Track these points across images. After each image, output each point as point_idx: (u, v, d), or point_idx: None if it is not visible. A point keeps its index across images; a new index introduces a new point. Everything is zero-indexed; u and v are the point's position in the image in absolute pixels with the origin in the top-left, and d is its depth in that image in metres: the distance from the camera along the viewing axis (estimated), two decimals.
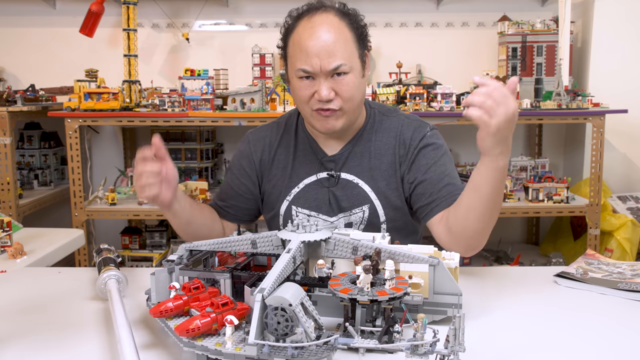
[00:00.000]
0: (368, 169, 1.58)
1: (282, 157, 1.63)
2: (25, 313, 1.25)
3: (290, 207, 1.61)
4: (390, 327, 0.99)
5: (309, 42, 1.42)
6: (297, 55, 1.45)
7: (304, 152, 1.62)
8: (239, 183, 1.66)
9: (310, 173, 1.61)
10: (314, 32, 1.43)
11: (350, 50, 1.46)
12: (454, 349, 0.86)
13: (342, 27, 1.45)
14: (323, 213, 1.59)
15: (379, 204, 1.56)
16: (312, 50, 1.42)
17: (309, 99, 1.47)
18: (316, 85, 1.45)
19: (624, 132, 3.39)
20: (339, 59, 1.43)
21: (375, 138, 1.60)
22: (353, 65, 1.46)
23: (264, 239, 1.20)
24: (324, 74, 1.43)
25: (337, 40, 1.43)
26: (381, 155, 1.58)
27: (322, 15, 1.45)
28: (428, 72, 3.49)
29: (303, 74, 1.45)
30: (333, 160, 1.60)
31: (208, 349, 0.93)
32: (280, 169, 1.63)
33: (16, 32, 3.53)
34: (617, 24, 3.33)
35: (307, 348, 0.90)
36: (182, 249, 1.23)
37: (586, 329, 1.15)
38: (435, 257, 1.12)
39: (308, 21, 1.45)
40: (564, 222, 3.46)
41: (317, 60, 1.42)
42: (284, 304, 0.90)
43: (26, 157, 3.37)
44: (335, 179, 1.59)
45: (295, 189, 1.61)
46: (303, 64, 1.44)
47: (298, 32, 1.46)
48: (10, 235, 1.82)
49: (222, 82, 3.34)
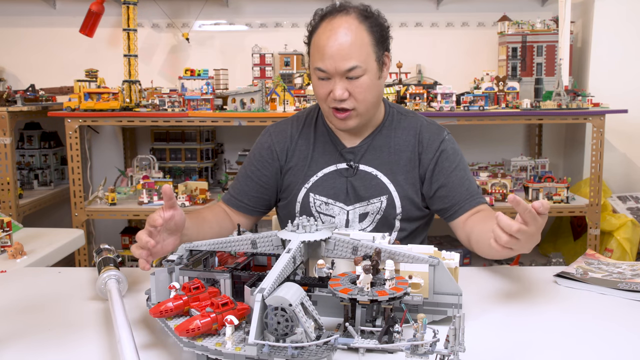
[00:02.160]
0: (387, 162, 1.63)
1: (303, 147, 1.68)
2: (25, 313, 1.25)
3: (308, 194, 1.65)
4: (390, 327, 0.99)
5: (326, 43, 1.48)
6: (316, 54, 1.52)
7: (323, 144, 1.67)
8: (260, 174, 1.69)
9: (329, 163, 1.65)
10: (332, 35, 1.48)
11: (366, 52, 1.49)
12: (454, 349, 0.86)
13: (360, 30, 1.49)
14: (340, 201, 1.63)
15: (397, 195, 1.61)
16: (328, 51, 1.47)
17: (326, 97, 1.53)
18: (332, 85, 1.51)
19: (624, 132, 3.39)
20: (353, 61, 1.47)
21: (395, 135, 1.65)
22: (368, 67, 1.50)
23: (263, 239, 1.21)
24: (338, 74, 1.49)
25: (353, 43, 1.47)
26: (400, 151, 1.63)
27: (343, 18, 1.50)
28: (428, 72, 3.49)
29: (320, 73, 1.51)
30: (352, 151, 1.64)
31: (208, 349, 0.93)
32: (301, 159, 1.67)
33: (16, 32, 3.53)
34: (617, 24, 3.34)
35: (307, 348, 0.90)
36: (182, 249, 1.23)
37: (586, 329, 1.15)
38: (435, 257, 1.12)
39: (329, 23, 1.50)
40: (564, 222, 3.46)
41: (332, 62, 1.47)
42: (284, 304, 0.90)
43: (26, 157, 3.37)
44: (354, 170, 1.63)
45: (314, 177, 1.65)
46: (319, 64, 1.50)
47: (319, 33, 1.52)
48: (10, 235, 1.82)
49: (222, 82, 3.34)
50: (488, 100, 2.97)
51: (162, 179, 3.09)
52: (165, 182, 3.04)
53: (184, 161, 3.40)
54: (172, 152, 3.41)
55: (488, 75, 3.10)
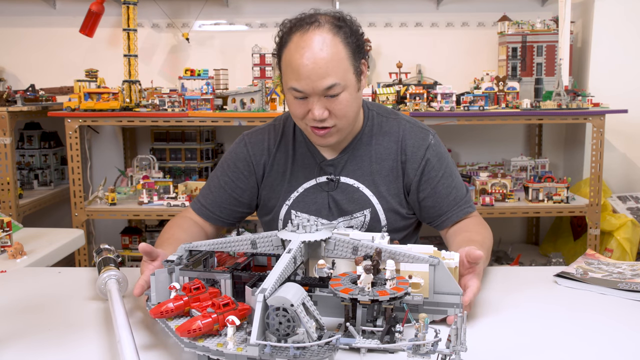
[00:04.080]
0: (369, 173, 1.57)
1: (282, 161, 1.61)
2: (25, 313, 1.25)
3: (289, 211, 1.60)
4: (391, 326, 0.99)
5: (301, 62, 1.36)
6: (289, 74, 1.40)
7: (302, 157, 1.60)
8: (234, 186, 1.62)
9: (309, 177, 1.59)
10: (305, 52, 1.36)
11: (344, 68, 1.39)
12: (456, 348, 0.86)
13: (336, 44, 1.38)
14: (323, 217, 1.58)
15: (381, 208, 1.56)
16: (303, 71, 1.36)
17: (303, 117, 1.44)
18: (309, 104, 1.41)
19: (624, 132, 3.39)
20: (331, 79, 1.37)
21: (376, 142, 1.58)
22: (347, 83, 1.40)
23: (263, 239, 1.20)
24: (316, 94, 1.39)
25: (330, 60, 1.36)
26: (382, 160, 1.57)
27: (316, 32, 1.37)
28: (428, 72, 3.49)
29: (296, 93, 1.41)
30: (332, 164, 1.58)
31: (209, 350, 0.93)
32: (279, 174, 1.61)
33: (16, 32, 3.53)
34: (617, 24, 3.34)
35: (309, 348, 0.90)
36: (182, 249, 1.23)
37: (586, 329, 1.15)
38: (436, 257, 1.12)
39: (300, 38, 1.38)
40: (564, 222, 3.46)
41: (308, 82, 1.37)
42: (286, 304, 0.90)
43: (26, 157, 3.37)
44: (334, 183, 1.57)
45: (295, 193, 1.59)
46: (295, 84, 1.39)
47: (290, 49, 1.39)
48: (10, 235, 1.82)
49: (222, 82, 3.34)
50: (488, 100, 2.97)
51: (162, 179, 3.09)
52: (166, 181, 3.04)
53: (184, 161, 3.40)
54: (172, 152, 3.41)
55: (488, 75, 3.10)
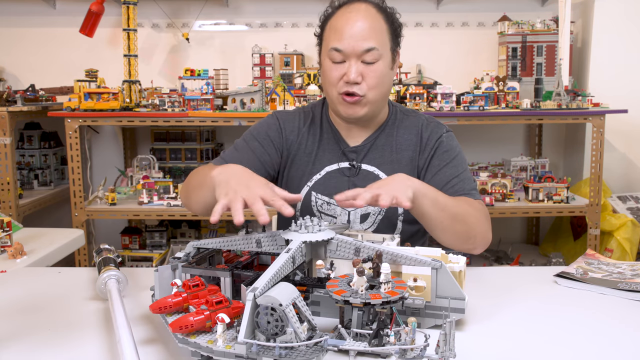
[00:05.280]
0: (389, 161, 1.62)
1: (310, 142, 1.66)
2: (25, 313, 1.25)
3: (310, 192, 1.64)
4: (380, 330, 0.98)
5: (346, 24, 1.49)
6: (332, 36, 1.52)
7: (328, 141, 1.66)
8: (262, 151, 1.63)
9: (332, 161, 1.64)
10: (351, 17, 1.50)
11: (383, 39, 1.51)
12: (444, 354, 0.86)
13: (378, 18, 1.52)
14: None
15: None
16: (347, 31, 1.48)
17: (337, 82, 1.52)
18: (345, 68, 1.50)
19: (624, 132, 3.39)
20: (372, 42, 1.48)
21: (397, 133, 1.65)
22: (384, 53, 1.51)
23: (268, 238, 1.21)
24: (355, 55, 1.49)
25: (372, 27, 1.49)
26: (402, 150, 1.63)
27: (362, 6, 1.52)
28: (428, 72, 3.49)
29: (335, 54, 1.50)
30: (355, 151, 1.64)
31: (200, 346, 0.93)
32: (306, 154, 1.66)
33: (16, 32, 3.54)
34: (618, 24, 3.34)
35: (297, 348, 0.89)
36: (190, 246, 1.24)
37: (586, 329, 1.15)
38: (438, 260, 1.11)
39: (347, 8, 1.53)
40: (564, 222, 3.46)
41: (350, 41, 1.48)
42: (274, 304, 0.90)
43: (26, 157, 3.37)
44: (356, 170, 1.62)
45: (317, 175, 1.64)
46: (337, 44, 1.50)
47: (336, 17, 1.53)
48: (10, 235, 1.82)
49: (222, 82, 3.34)
50: (488, 100, 2.97)
51: (162, 179, 3.09)
52: (166, 181, 3.04)
53: (184, 161, 3.40)
54: (172, 152, 3.41)
55: (488, 75, 3.10)
